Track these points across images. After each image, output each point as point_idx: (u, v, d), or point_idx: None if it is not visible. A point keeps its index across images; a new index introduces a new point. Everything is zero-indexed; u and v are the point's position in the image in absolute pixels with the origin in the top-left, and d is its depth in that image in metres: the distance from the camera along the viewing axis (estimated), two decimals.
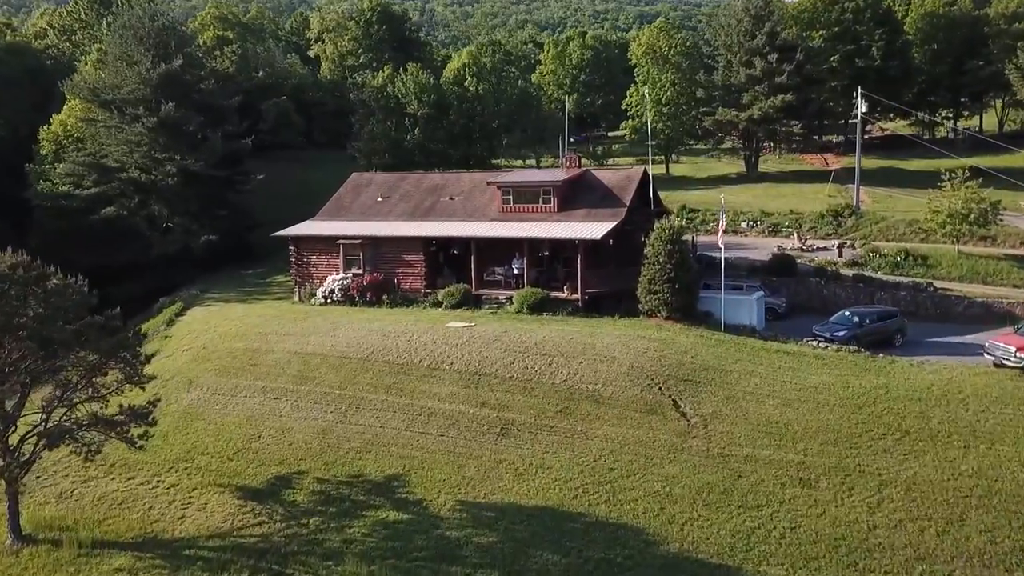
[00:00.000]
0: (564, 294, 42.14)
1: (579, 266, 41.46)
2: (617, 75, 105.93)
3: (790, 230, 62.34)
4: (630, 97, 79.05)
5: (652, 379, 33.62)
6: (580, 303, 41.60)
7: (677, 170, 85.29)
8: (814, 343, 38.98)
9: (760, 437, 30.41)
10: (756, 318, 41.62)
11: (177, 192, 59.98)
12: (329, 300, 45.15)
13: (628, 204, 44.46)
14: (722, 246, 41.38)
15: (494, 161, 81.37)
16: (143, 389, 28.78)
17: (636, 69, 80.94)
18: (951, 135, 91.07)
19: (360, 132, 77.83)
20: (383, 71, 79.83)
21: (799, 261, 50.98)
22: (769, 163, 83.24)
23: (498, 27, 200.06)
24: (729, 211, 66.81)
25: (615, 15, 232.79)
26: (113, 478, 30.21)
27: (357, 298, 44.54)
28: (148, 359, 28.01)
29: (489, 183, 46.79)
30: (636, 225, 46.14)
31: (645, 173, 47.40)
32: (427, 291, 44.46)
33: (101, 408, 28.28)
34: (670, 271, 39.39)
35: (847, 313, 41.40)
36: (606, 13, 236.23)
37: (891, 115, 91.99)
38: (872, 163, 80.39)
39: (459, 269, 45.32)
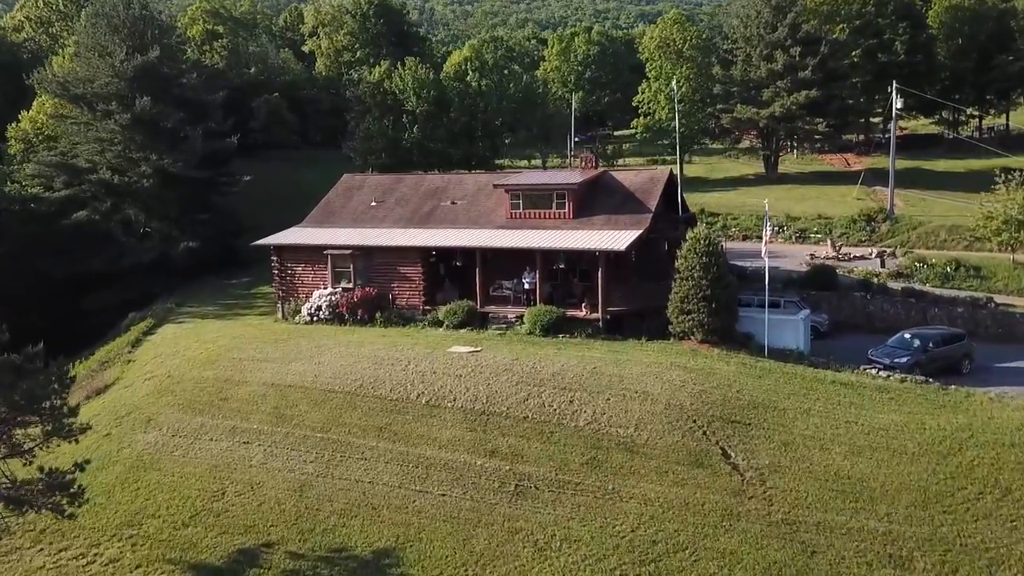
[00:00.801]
0: (582, 313, 36.20)
1: (599, 281, 35.54)
2: (623, 72, 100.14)
3: (819, 236, 56.50)
4: (642, 93, 73.13)
5: (694, 420, 27.69)
6: (601, 323, 35.68)
7: (691, 171, 79.10)
8: (872, 371, 33.09)
9: (831, 497, 24.50)
10: (802, 341, 35.76)
11: (154, 195, 54.08)
12: (315, 318, 39.21)
13: (653, 210, 38.56)
14: (767, 259, 35.47)
15: (497, 161, 75.44)
16: (76, 441, 22.87)
17: (648, 64, 74.94)
18: (977, 134, 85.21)
19: (355, 130, 71.88)
20: (380, 66, 73.84)
21: (837, 272, 45.09)
22: (787, 164, 77.33)
23: (498, 26, 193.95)
24: (753, 214, 61.15)
25: (616, 14, 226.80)
26: (41, 549, 24.30)
27: (347, 316, 38.61)
28: (74, 411, 21.94)
29: (496, 186, 40.85)
30: (660, 233, 40.37)
31: (671, 174, 41.51)
32: (426, 308, 38.55)
33: (26, 463, 22.40)
34: (706, 288, 33.48)
35: (907, 336, 35.52)
36: (607, 12, 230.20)
37: (912, 113, 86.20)
38: (896, 164, 74.52)
39: (462, 283, 39.43)
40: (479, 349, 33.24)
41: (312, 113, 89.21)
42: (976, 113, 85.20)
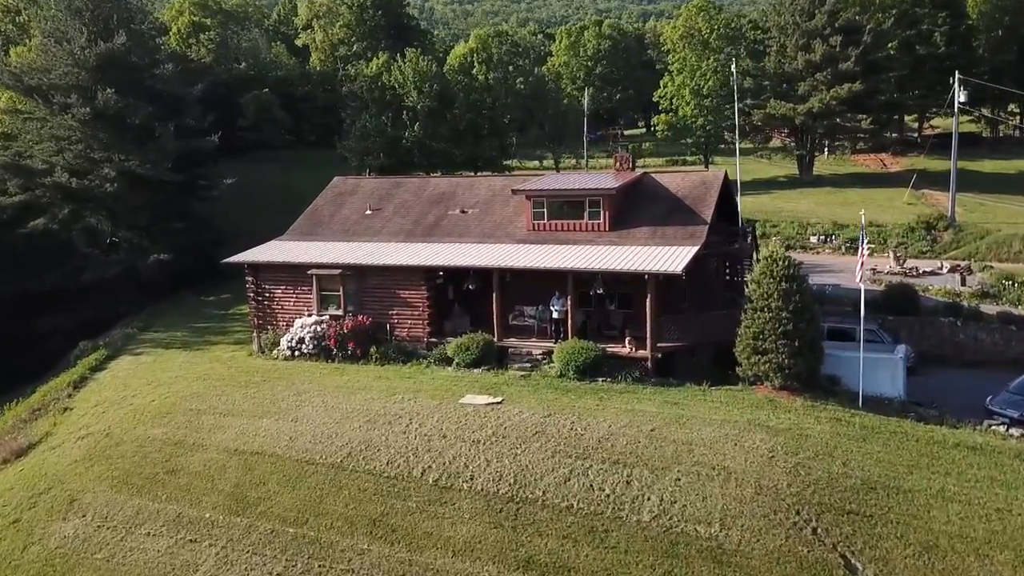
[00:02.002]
0: (626, 349, 28.43)
1: (648, 311, 27.78)
2: (636, 68, 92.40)
3: (872, 246, 48.81)
4: (663, 88, 65.24)
5: (798, 512, 19.96)
6: (650, 363, 27.94)
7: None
8: (1002, 429, 25.39)
9: None
10: (901, 384, 28.10)
11: (120, 200, 46.17)
12: (297, 352, 31.43)
13: (708, 220, 30.83)
14: (862, 285, 27.72)
15: (505, 163, 67.66)
16: None
17: (670, 56, 67.09)
18: (1018, 132, 77.56)
19: (351, 128, 64.08)
20: (378, 58, 66.01)
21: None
22: (818, 165, 69.52)
23: (500, 25, 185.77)
24: (794, 221, 53.44)
25: (618, 13, 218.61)
26: None
27: (335, 351, 30.83)
28: None
29: (515, 192, 33.03)
30: (711, 248, 32.58)
31: (727, 177, 33.72)
32: (432, 340, 30.82)
33: None
34: (787, 321, 25.76)
35: None
36: (608, 11, 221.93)
37: (945, 110, 78.46)
38: (937, 164, 66.88)
39: (474, 308, 31.70)
40: (500, 400, 25.51)
41: (306, 111, 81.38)
42: (1017, 110, 77.50)
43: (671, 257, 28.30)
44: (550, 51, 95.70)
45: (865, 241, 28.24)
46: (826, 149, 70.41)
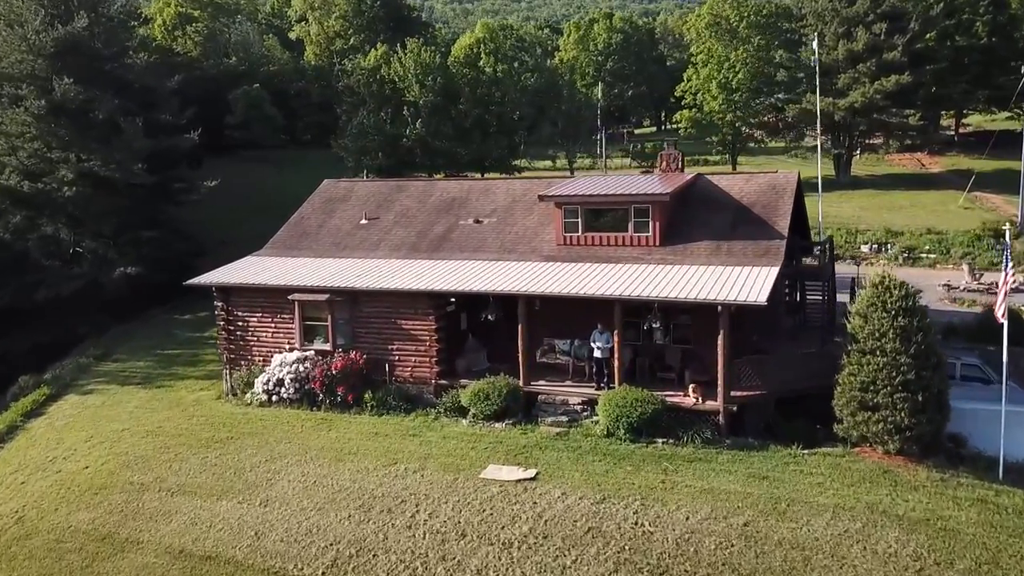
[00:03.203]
0: (690, 400, 21.90)
1: (720, 351, 21.23)
2: (648, 63, 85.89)
3: (933, 256, 42.49)
4: (688, 82, 58.63)
5: None
6: (721, 418, 21.41)
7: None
8: None
9: None
10: None
11: (82, 206, 39.71)
12: (275, 396, 24.88)
13: (785, 233, 24.33)
14: (1004, 319, 21.18)
15: (515, 162, 61.13)
16: None
17: (694, 47, 60.50)
18: None
19: (347, 126, 57.55)
20: (376, 49, 59.44)
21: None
22: (853, 165, 62.97)
23: (503, 20, 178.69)
24: (840, 228, 46.95)
25: (620, 11, 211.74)
26: None
27: (321, 396, 24.30)
28: None
29: (543, 197, 26.39)
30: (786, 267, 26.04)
31: (799, 181, 27.16)
32: (441, 382, 24.30)
33: None
34: (906, 369, 19.30)
35: None
36: (611, 10, 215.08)
37: (979, 108, 72.09)
38: (983, 164, 60.38)
39: (493, 340, 25.21)
40: (533, 475, 19.02)
41: (300, 108, 74.73)
42: None
43: (747, 281, 21.79)
44: (557, 46, 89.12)
45: (1010, 263, 21.61)
46: (885, 148, 63.05)
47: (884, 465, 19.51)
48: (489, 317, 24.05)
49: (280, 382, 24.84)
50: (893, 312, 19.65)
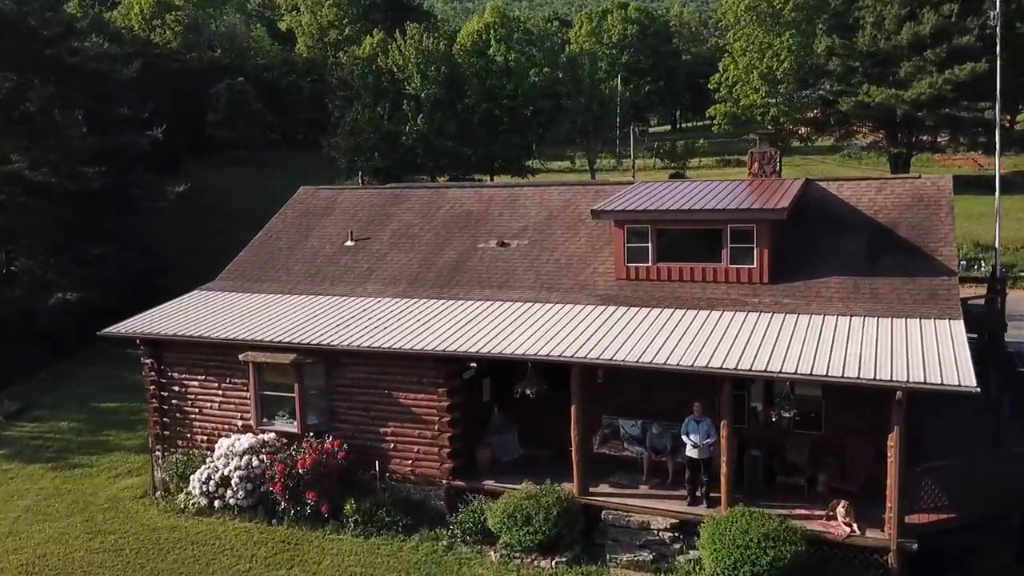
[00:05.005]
0: (842, 528, 13.89)
1: (893, 459, 13.24)
2: (667, 57, 77.92)
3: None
4: (723, 73, 50.60)
5: None
6: (891, 561, 13.41)
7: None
8: None
9: None
10: None
11: (12, 217, 31.80)
12: (218, 503, 16.87)
13: (954, 266, 16.33)
14: None
15: (527, 163, 53.19)
16: None
17: (731, 34, 52.46)
18: None
19: (340, 122, 49.58)
20: (372, 36, 51.44)
21: None
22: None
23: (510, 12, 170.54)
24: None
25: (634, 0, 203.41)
26: None
27: (283, 507, 16.30)
28: None
29: (597, 213, 18.26)
30: None
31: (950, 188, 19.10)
32: (455, 483, 16.31)
33: None
34: None
35: None
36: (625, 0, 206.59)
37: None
38: None
39: (530, 414, 17.22)
40: None
41: (291, 104, 66.73)
42: None
43: (924, 346, 13.87)
44: (568, 38, 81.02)
45: None
46: (959, 147, 54.37)
47: None
48: (527, 392, 16.03)
49: (225, 481, 16.82)
50: None
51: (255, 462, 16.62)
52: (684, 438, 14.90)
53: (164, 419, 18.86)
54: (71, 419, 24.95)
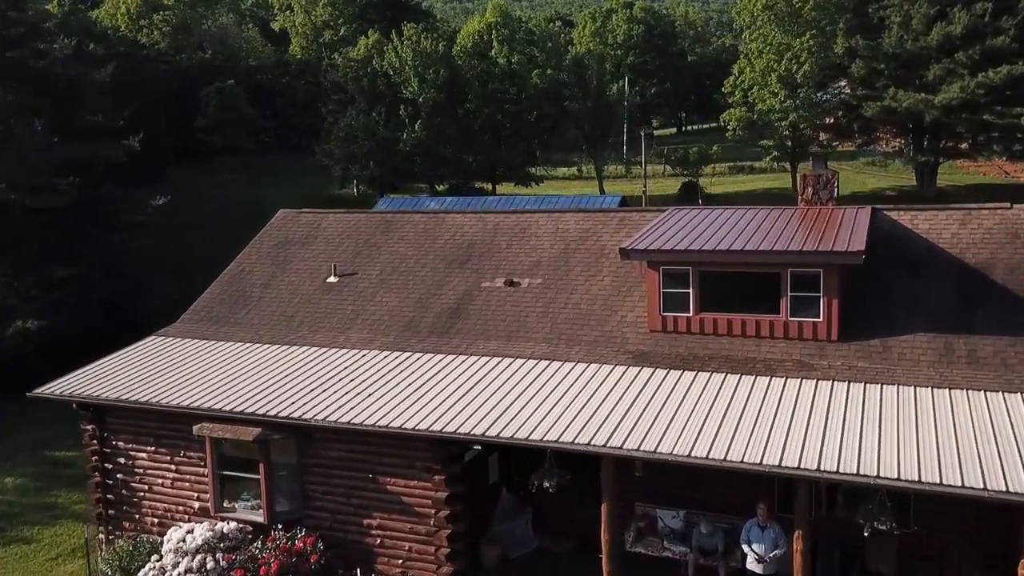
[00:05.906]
0: None
1: None
2: (673, 58, 74.64)
3: None
4: (739, 75, 47.34)
5: None
6: None
7: (785, 184, 53.49)
8: None
9: None
10: None
11: None
12: None
13: None
14: None
15: (531, 169, 49.98)
16: None
17: (746, 34, 49.20)
18: None
19: (333, 128, 46.34)
20: (368, 37, 48.17)
21: None
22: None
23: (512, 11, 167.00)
24: None
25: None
26: None
27: None
28: None
29: (627, 253, 15.03)
30: None
31: None
32: None
33: None
34: None
35: None
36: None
37: None
38: None
39: (547, 500, 13.92)
40: None
41: (285, 108, 63.49)
42: None
43: None
44: (571, 39, 77.71)
45: None
46: (990, 153, 50.86)
47: None
48: (546, 485, 12.76)
49: None
50: None
51: (210, 563, 13.36)
52: (745, 548, 11.67)
53: (108, 496, 15.63)
54: (19, 473, 21.77)
